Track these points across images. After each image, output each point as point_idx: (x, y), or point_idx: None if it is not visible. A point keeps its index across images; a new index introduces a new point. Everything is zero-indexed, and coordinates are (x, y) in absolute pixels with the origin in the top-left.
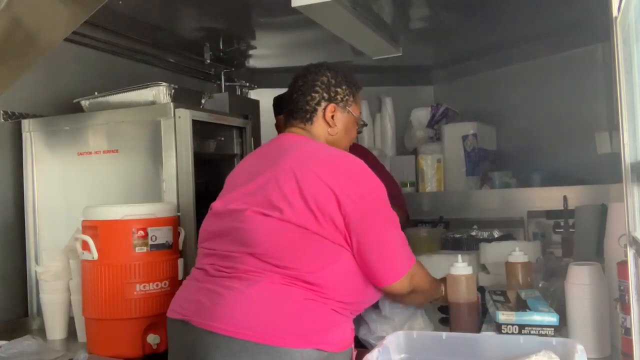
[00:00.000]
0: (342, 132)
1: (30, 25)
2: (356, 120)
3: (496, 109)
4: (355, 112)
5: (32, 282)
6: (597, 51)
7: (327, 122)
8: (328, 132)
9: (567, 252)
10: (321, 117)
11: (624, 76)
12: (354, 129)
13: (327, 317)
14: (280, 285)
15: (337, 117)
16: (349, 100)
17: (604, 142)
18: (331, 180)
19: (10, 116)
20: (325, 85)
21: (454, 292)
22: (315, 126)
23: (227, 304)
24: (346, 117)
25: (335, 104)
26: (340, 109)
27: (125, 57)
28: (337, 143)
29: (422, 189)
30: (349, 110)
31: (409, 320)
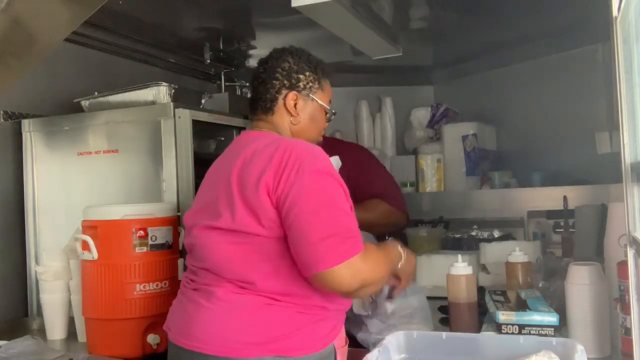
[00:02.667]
0: (307, 121)
1: (30, 25)
2: (324, 108)
3: (496, 109)
4: (322, 99)
5: (32, 282)
6: (597, 51)
7: (289, 112)
8: (291, 121)
9: (567, 252)
10: (282, 107)
11: (624, 76)
12: (322, 119)
13: (288, 321)
14: (235, 295)
15: (299, 106)
16: (314, 87)
17: (604, 142)
18: (268, 172)
19: (10, 116)
20: (286, 72)
21: (454, 292)
22: (276, 116)
23: (189, 318)
24: (311, 106)
25: (296, 92)
26: (303, 97)
27: (125, 57)
28: (302, 133)
29: (422, 189)
30: (313, 98)
31: (408, 319)
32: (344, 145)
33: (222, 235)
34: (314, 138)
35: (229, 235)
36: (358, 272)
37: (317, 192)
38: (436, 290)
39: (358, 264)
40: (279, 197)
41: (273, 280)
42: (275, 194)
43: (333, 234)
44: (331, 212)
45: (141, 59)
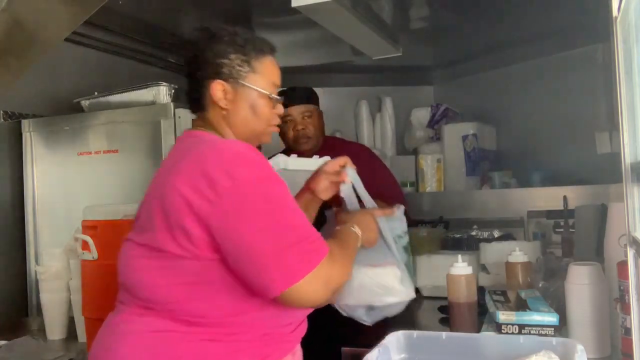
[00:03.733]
0: (245, 113)
1: (30, 25)
2: (265, 94)
3: (496, 109)
4: (257, 83)
5: (32, 282)
6: (597, 51)
7: (219, 105)
8: (224, 116)
9: (567, 252)
10: (211, 100)
11: (624, 76)
12: (267, 105)
13: (191, 350)
14: (136, 317)
15: (230, 96)
16: (242, 71)
17: (604, 142)
18: (185, 184)
19: (10, 116)
20: (206, 59)
21: (454, 292)
22: (209, 112)
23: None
24: (245, 93)
25: (222, 80)
26: (231, 85)
27: (125, 57)
28: (243, 128)
29: (422, 189)
30: (244, 83)
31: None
32: (346, 145)
33: (139, 250)
34: (260, 131)
35: (144, 250)
36: (329, 278)
37: (257, 203)
38: (436, 290)
39: (326, 269)
40: (207, 216)
41: (182, 305)
42: (200, 211)
43: (289, 244)
44: (280, 220)
45: (141, 59)
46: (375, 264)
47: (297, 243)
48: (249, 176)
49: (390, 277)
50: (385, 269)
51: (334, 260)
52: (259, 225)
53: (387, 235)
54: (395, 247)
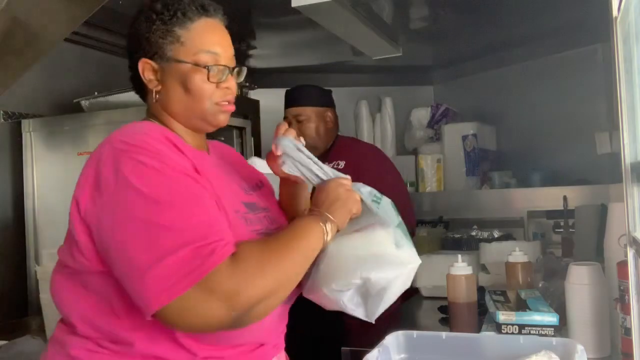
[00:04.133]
0: (178, 93)
1: (30, 25)
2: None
3: (496, 109)
4: (183, 54)
5: (32, 282)
6: (597, 51)
7: (149, 87)
8: (159, 100)
9: (567, 252)
10: (145, 84)
11: (624, 76)
12: (203, 80)
13: None
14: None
15: (160, 75)
16: (165, 44)
17: (604, 142)
18: (78, 182)
19: (10, 116)
20: (131, 36)
21: (454, 292)
22: (148, 100)
23: None
24: (173, 69)
25: (145, 59)
26: (157, 62)
27: (125, 57)
28: (181, 110)
29: (422, 189)
30: (170, 57)
31: None
32: (356, 144)
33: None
34: (202, 111)
35: (58, 264)
36: (231, 290)
37: (133, 201)
38: (436, 290)
39: (223, 280)
40: (89, 218)
41: (89, 323)
42: (86, 213)
43: (166, 251)
44: (158, 222)
45: None
46: (359, 229)
47: (176, 250)
48: (131, 167)
49: (382, 240)
50: (374, 231)
51: (240, 268)
52: (132, 229)
53: (366, 199)
54: (378, 209)
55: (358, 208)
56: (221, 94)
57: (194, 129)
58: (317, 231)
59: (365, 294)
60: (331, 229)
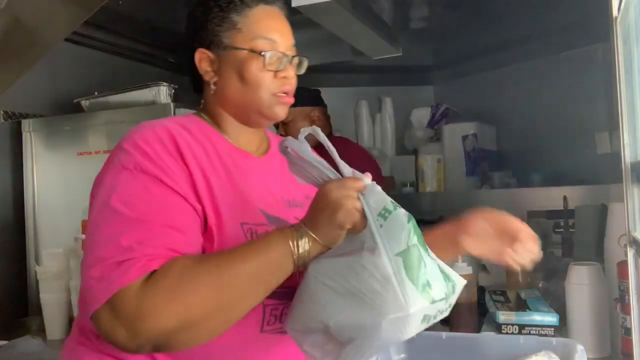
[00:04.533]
0: (234, 83)
1: (30, 25)
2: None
3: (496, 109)
4: (240, 41)
5: (32, 282)
6: (597, 51)
7: (206, 79)
8: (215, 94)
9: (567, 252)
10: (202, 77)
11: (624, 76)
12: (259, 69)
13: None
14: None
15: (216, 66)
16: (221, 31)
17: (604, 142)
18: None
19: (10, 116)
20: (188, 27)
21: None
22: (204, 94)
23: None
24: (229, 58)
25: (201, 49)
26: (214, 51)
27: (125, 57)
28: (239, 103)
29: (422, 189)
30: (227, 44)
31: None
32: (350, 147)
33: None
34: (258, 103)
35: None
36: (136, 313)
37: (97, 205)
38: None
39: (123, 302)
40: None
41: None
42: None
43: (93, 261)
44: (97, 231)
45: (141, 59)
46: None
47: (99, 262)
48: (110, 169)
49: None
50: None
51: (152, 289)
52: (90, 228)
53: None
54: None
55: (355, 221)
56: (278, 84)
57: (249, 123)
58: (280, 249)
59: (336, 342)
60: (310, 247)
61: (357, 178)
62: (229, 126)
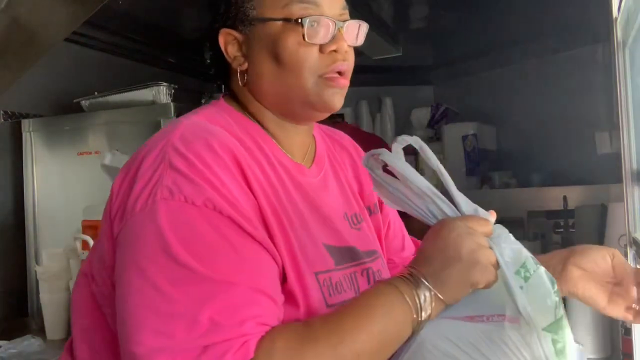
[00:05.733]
0: (269, 66)
1: (30, 25)
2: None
3: (496, 109)
4: (269, 11)
5: (32, 282)
6: (597, 51)
7: (234, 67)
8: (246, 83)
9: None
10: (229, 64)
11: (624, 76)
12: (299, 42)
13: None
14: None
15: (246, 48)
16: (245, 2)
17: (604, 142)
18: (116, 185)
19: (10, 116)
20: (214, 8)
21: None
22: (233, 82)
23: None
24: (260, 34)
25: (225, 28)
26: (240, 28)
27: (125, 57)
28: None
29: None
30: (254, 17)
31: None
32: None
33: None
34: (305, 87)
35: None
36: None
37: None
38: None
39: None
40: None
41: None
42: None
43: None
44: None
45: (141, 59)
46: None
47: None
48: (167, 196)
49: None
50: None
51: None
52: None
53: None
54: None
55: (489, 279)
56: (327, 61)
57: (295, 119)
58: (400, 315)
59: None
60: (431, 305)
61: (484, 219)
62: (272, 125)
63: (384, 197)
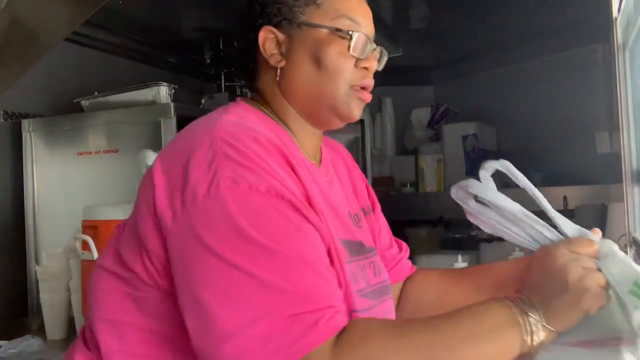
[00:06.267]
0: (307, 69)
1: (30, 25)
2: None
3: (496, 109)
4: (320, 18)
5: (32, 282)
6: (597, 51)
7: (269, 62)
8: (277, 81)
9: None
10: (263, 60)
11: (624, 77)
12: (341, 53)
13: None
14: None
15: (285, 47)
16: (298, 5)
17: (604, 142)
18: (156, 178)
19: (10, 116)
20: (252, 10)
21: None
22: (261, 80)
23: None
24: (304, 37)
25: (268, 26)
26: (285, 30)
27: (125, 57)
28: (310, 93)
29: (422, 189)
30: (303, 21)
31: None
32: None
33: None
34: (337, 92)
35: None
36: None
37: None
38: None
39: None
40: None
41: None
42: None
43: (255, 318)
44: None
45: (141, 59)
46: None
47: (269, 315)
48: (231, 185)
49: None
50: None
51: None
52: (217, 273)
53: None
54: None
55: (601, 304)
56: (359, 75)
57: (317, 122)
58: (511, 333)
59: None
60: (541, 331)
61: (588, 239)
62: (294, 125)
63: (481, 225)
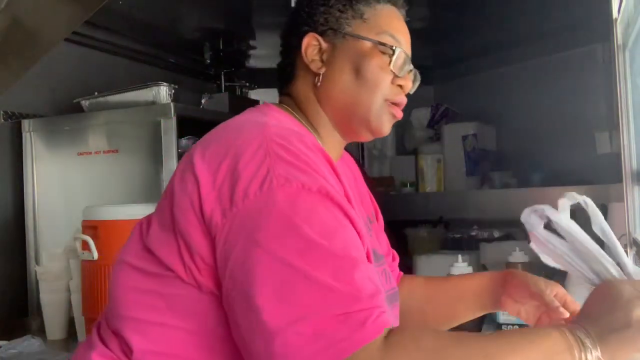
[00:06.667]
0: (346, 78)
1: (30, 25)
2: (377, 50)
3: (496, 109)
4: (364, 31)
5: (32, 282)
6: (597, 51)
7: (310, 68)
8: (314, 87)
9: None
10: (302, 65)
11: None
12: (381, 68)
13: None
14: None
15: (327, 55)
16: (342, 18)
17: (604, 142)
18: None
19: (10, 116)
20: (298, 13)
21: None
22: (298, 83)
23: None
24: (347, 48)
25: (313, 33)
26: (329, 39)
27: (125, 57)
28: (345, 102)
29: (422, 189)
30: (348, 32)
31: None
32: None
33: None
34: (373, 105)
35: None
36: None
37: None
38: None
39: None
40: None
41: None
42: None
43: (303, 315)
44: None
45: (141, 59)
46: None
47: (318, 312)
48: (284, 182)
49: None
50: None
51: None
52: (267, 269)
53: None
54: None
55: None
56: (395, 90)
57: (347, 132)
58: (561, 351)
59: None
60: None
61: None
62: (324, 131)
63: (542, 253)
